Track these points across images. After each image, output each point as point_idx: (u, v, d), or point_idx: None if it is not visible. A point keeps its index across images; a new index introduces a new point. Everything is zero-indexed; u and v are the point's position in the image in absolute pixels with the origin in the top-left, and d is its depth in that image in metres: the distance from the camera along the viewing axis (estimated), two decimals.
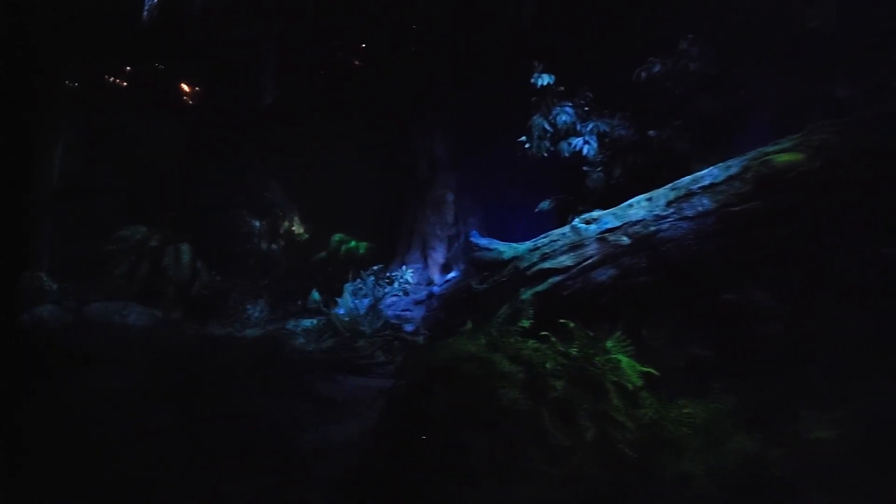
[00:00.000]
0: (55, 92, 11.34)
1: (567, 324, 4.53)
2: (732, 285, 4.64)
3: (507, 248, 6.05)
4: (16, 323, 7.95)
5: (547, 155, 7.30)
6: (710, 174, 4.43)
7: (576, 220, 5.34)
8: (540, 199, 9.25)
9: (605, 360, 4.31)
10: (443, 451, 3.70)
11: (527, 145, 7.40)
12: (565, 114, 7.07)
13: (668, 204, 4.51)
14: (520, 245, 5.97)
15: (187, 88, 12.89)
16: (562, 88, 7.21)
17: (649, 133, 6.18)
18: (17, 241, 9.97)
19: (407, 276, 8.79)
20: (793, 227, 4.18)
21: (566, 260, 5.10)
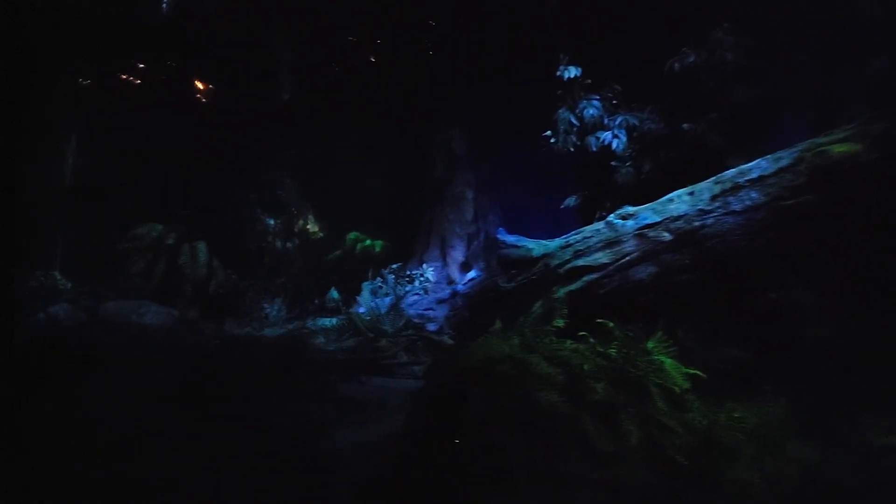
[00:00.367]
0: (68, 89, 11.27)
1: (605, 323, 4.35)
2: (778, 283, 4.43)
3: (536, 246, 5.88)
4: (31, 322, 7.85)
5: (573, 150, 7.10)
6: (758, 166, 4.22)
7: (611, 215, 5.15)
8: (559, 196, 9.06)
9: (647, 361, 4.12)
10: (478, 456, 3.52)
11: (552, 140, 7.21)
12: (593, 107, 6.88)
13: (713, 198, 4.30)
14: (550, 242, 5.79)
15: (201, 86, 12.79)
16: (588, 81, 7.01)
17: (683, 126, 5.96)
18: (30, 240, 9.93)
19: (428, 275, 8.61)
20: (846, 222, 3.97)
21: (602, 257, 4.91)
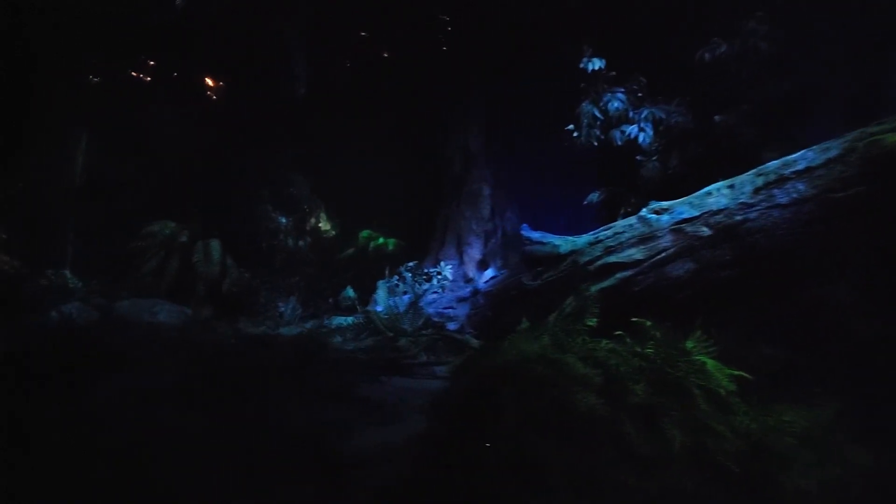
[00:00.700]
0: (77, 88, 11.20)
1: (642, 322, 4.17)
2: (823, 279, 4.23)
3: (562, 242, 5.69)
4: (44, 320, 7.76)
5: (597, 144, 6.91)
6: (804, 157, 4.02)
7: (643, 210, 4.96)
8: (577, 192, 8.88)
9: (687, 362, 3.93)
10: (512, 461, 3.34)
11: (575, 134, 7.02)
12: (617, 100, 6.69)
13: (756, 191, 4.10)
14: (577, 238, 5.60)
15: (212, 83, 12.68)
16: (613, 73, 6.82)
17: (715, 118, 5.76)
18: (39, 239, 9.86)
19: (446, 273, 8.44)
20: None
21: (635, 253, 4.72)
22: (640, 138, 6.46)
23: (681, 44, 6.69)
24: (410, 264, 8.78)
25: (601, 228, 5.45)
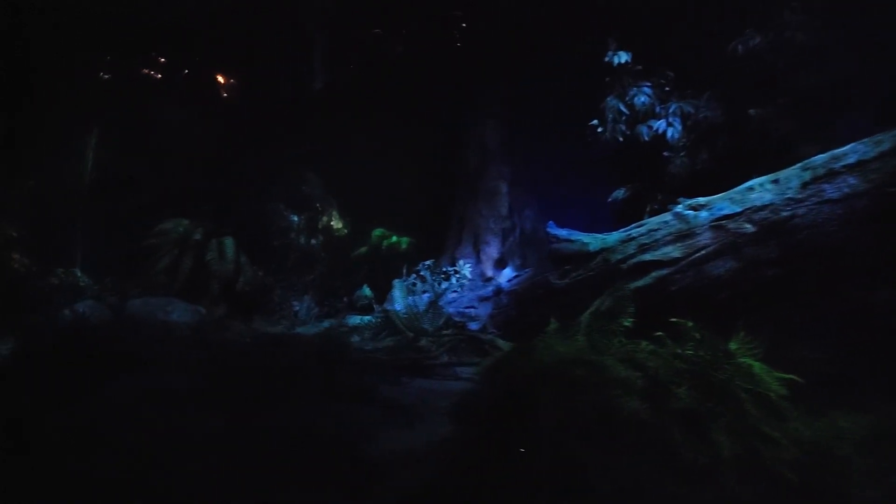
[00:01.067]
0: (87, 85, 11.11)
1: (683, 323, 4.00)
2: (874, 279, 4.05)
3: (592, 240, 5.52)
4: (56, 319, 7.66)
5: (622, 139, 6.73)
6: (855, 151, 3.84)
7: (678, 206, 4.78)
8: (597, 190, 8.68)
9: (733, 364, 3.76)
10: (552, 467, 3.18)
11: (599, 129, 6.84)
12: (643, 94, 6.50)
13: (804, 185, 3.92)
14: (607, 236, 5.43)
15: (223, 79, 12.56)
16: (639, 67, 6.63)
17: (750, 112, 5.57)
18: (49, 237, 9.76)
19: (465, 272, 8.27)
20: None
21: (672, 251, 4.55)
22: (669, 133, 6.28)
23: (708, 36, 6.50)
24: (428, 263, 8.61)
25: (632, 225, 5.27)
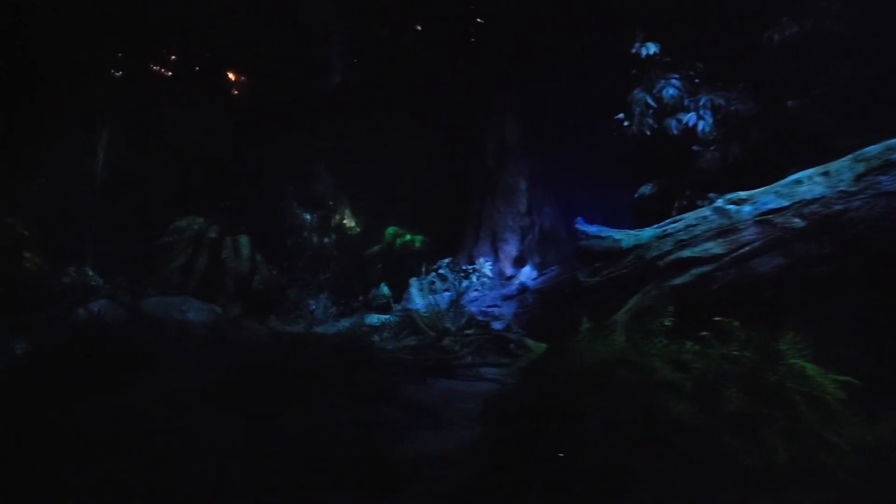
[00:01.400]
0: (99, 82, 11.01)
1: (728, 322, 3.83)
2: None
3: (624, 236, 5.35)
4: (70, 318, 7.57)
5: (649, 133, 6.55)
6: None
7: (718, 200, 4.61)
8: (614, 187, 8.51)
9: (784, 366, 3.59)
10: (598, 474, 3.01)
11: (626, 123, 6.66)
12: (672, 87, 6.31)
13: (858, 178, 3.74)
14: (640, 232, 5.26)
15: (235, 77, 12.45)
16: (668, 59, 6.45)
17: (788, 104, 5.38)
18: (61, 236, 9.67)
19: (485, 270, 8.11)
20: None
21: (714, 247, 4.38)
22: (700, 126, 6.09)
23: (738, 26, 6.31)
24: (447, 261, 8.45)
25: (667, 221, 5.10)
